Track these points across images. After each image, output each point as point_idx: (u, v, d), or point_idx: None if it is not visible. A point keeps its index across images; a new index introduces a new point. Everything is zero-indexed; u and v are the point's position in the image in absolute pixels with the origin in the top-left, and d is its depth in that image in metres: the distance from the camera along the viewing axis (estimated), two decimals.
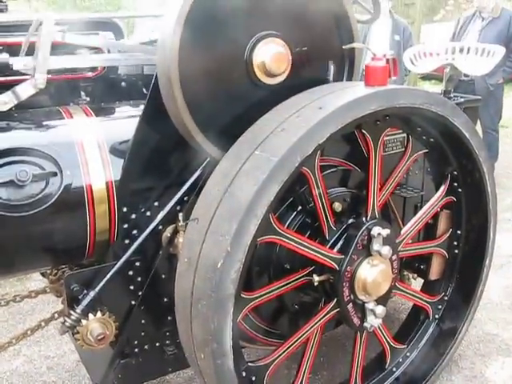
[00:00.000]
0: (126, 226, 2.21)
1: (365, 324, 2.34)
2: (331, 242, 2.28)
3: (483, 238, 2.68)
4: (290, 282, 2.21)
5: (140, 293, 2.25)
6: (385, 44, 5.70)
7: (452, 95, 3.07)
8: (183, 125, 2.00)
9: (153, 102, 2.09)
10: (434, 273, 2.78)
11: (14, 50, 2.19)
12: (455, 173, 2.58)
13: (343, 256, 2.22)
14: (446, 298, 2.80)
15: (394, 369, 2.70)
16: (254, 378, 2.15)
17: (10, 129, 2.12)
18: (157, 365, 2.42)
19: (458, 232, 2.74)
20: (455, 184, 2.61)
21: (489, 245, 2.68)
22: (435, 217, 2.71)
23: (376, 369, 2.70)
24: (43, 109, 2.27)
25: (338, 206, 2.39)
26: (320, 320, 2.26)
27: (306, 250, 2.12)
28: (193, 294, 1.93)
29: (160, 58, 1.96)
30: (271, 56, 2.09)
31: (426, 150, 2.51)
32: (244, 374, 2.10)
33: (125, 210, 2.19)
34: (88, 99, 2.47)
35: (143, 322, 2.30)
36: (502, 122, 6.37)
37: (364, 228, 2.24)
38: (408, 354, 2.74)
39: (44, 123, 2.19)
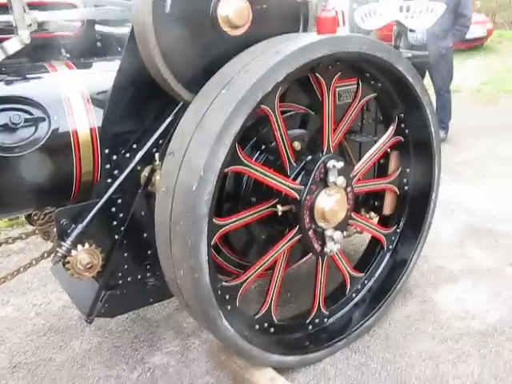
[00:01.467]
0: (107, 166, 2.44)
1: (325, 249, 2.65)
2: (292, 176, 2.57)
3: (429, 174, 3.00)
4: (256, 212, 2.49)
5: (122, 228, 2.50)
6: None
7: (400, 50, 3.38)
8: (157, 70, 2.24)
9: (130, 52, 2.31)
10: (387, 208, 3.11)
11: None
12: (402, 115, 2.90)
13: (303, 187, 2.51)
14: (398, 231, 3.13)
15: (354, 295, 3.02)
16: (227, 297, 2.43)
17: (0, 80, 2.33)
18: (139, 296, 2.67)
19: (407, 170, 3.06)
20: (402, 125, 2.92)
21: (434, 180, 3.01)
22: (386, 156, 3.03)
23: (338, 295, 3.01)
24: (29, 63, 2.49)
25: (297, 145, 2.67)
26: (284, 245, 2.55)
27: (271, 180, 2.41)
28: (171, 218, 2.19)
29: (135, 8, 2.19)
30: (234, 9, 2.34)
31: (375, 94, 2.81)
32: (219, 292, 2.38)
33: (106, 151, 2.43)
34: (68, 56, 2.69)
35: (126, 255, 2.55)
36: (456, 87, 6.76)
37: (320, 161, 2.53)
38: (366, 282, 3.07)
39: (31, 75, 2.41)
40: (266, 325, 2.65)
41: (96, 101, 2.41)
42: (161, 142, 2.47)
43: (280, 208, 2.51)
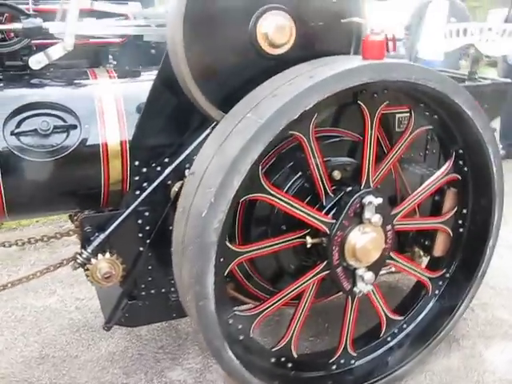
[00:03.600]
0: (137, 178, 2.43)
1: (354, 289, 2.46)
2: (327, 207, 2.40)
3: (488, 219, 2.70)
4: (283, 242, 2.35)
5: (148, 241, 2.48)
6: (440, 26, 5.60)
7: (477, 76, 3.08)
8: (185, 86, 2.19)
9: (166, 66, 2.28)
10: (438, 249, 2.83)
11: (49, 16, 2.47)
12: (460, 151, 2.62)
13: (335, 221, 2.34)
14: (447, 276, 2.84)
15: (389, 338, 2.79)
16: (240, 327, 2.33)
17: (40, 85, 2.39)
18: (162, 309, 2.64)
19: (464, 211, 2.76)
20: (460, 162, 2.64)
21: (493, 226, 2.70)
22: (442, 194, 2.76)
23: (371, 336, 2.80)
24: (73, 69, 2.54)
25: (337, 174, 2.50)
26: (310, 278, 2.40)
27: (298, 211, 2.26)
28: (183, 240, 2.13)
29: (168, 25, 2.15)
30: (274, 27, 2.23)
31: (430, 127, 2.56)
32: (231, 321, 2.29)
33: (136, 163, 2.41)
34: (115, 63, 2.71)
35: (150, 268, 2.53)
36: None
37: (356, 196, 2.34)
38: (404, 326, 2.82)
39: (70, 82, 2.46)
40: (283, 359, 2.52)
41: (131, 111, 2.40)
42: (194, 158, 2.42)
43: (309, 240, 2.37)
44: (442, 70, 3.48)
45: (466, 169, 2.66)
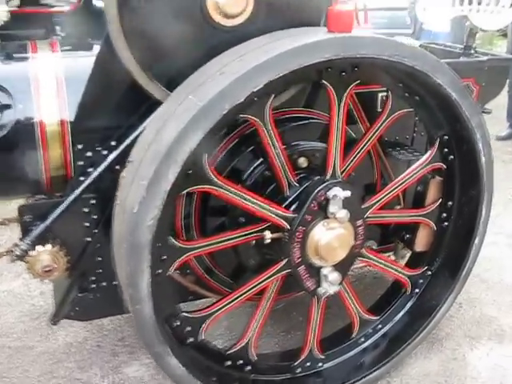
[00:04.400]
0: (81, 163, 2.20)
1: (318, 289, 2.22)
2: (290, 199, 2.16)
3: (475, 213, 2.42)
4: (237, 237, 2.12)
5: (95, 230, 2.27)
6: None
7: (473, 51, 2.75)
8: (128, 67, 1.94)
9: (109, 39, 2.03)
10: (420, 244, 2.57)
11: None
12: (446, 137, 2.33)
13: (296, 215, 2.10)
14: (429, 273, 2.58)
15: (362, 339, 2.56)
16: (188, 329, 2.12)
17: None
18: (114, 302, 2.43)
19: (449, 203, 2.49)
20: (446, 149, 2.36)
21: (480, 222, 2.42)
22: (425, 184, 2.49)
23: (341, 337, 2.58)
24: (13, 42, 2.29)
25: (303, 161, 2.25)
26: (269, 277, 2.17)
27: (250, 204, 2.02)
28: (120, 236, 1.91)
29: None
30: None
31: (411, 109, 2.27)
32: (177, 323, 2.08)
33: (80, 147, 2.18)
34: (63, 34, 2.45)
35: (99, 259, 2.33)
36: None
37: (320, 188, 2.09)
38: (380, 327, 2.59)
39: (5, 56, 2.21)
40: (240, 362, 2.31)
41: (73, 90, 2.15)
42: None
43: (268, 235, 2.12)
44: (437, 43, 3.18)
45: (451, 157, 2.38)
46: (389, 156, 2.59)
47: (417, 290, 2.59)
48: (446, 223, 2.52)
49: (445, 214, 2.51)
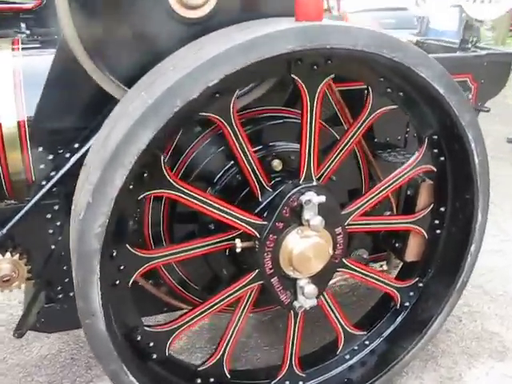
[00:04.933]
0: (42, 166, 2.08)
1: (294, 303, 2.05)
2: (263, 205, 2.00)
3: (470, 220, 2.22)
4: (205, 245, 1.96)
5: (60, 238, 2.14)
6: None
7: (469, 45, 2.56)
8: (82, 63, 1.80)
9: None
10: (410, 254, 2.37)
11: None
12: (435, 137, 2.14)
13: (266, 223, 1.93)
14: (420, 285, 2.39)
15: (348, 356, 2.38)
16: (151, 344, 1.97)
17: None
18: None
19: (442, 209, 2.29)
20: (435, 150, 2.16)
21: (475, 228, 2.22)
22: (415, 188, 2.30)
23: (325, 354, 2.39)
24: None
25: (277, 164, 2.09)
26: (239, 290, 2.01)
27: (214, 210, 1.86)
28: (72, 244, 1.78)
29: None
30: None
31: (394, 106, 2.08)
32: (139, 337, 1.93)
33: (40, 149, 2.06)
34: (28, 32, 2.33)
35: (65, 268, 2.19)
36: None
37: (292, 193, 1.92)
38: (367, 343, 2.40)
39: None
40: (212, 380, 2.15)
41: (32, 89, 2.02)
42: None
43: (239, 244, 1.96)
44: (435, 38, 2.99)
45: (442, 158, 2.19)
46: (378, 158, 2.42)
47: (407, 304, 2.39)
48: (438, 230, 2.32)
49: (437, 221, 2.31)
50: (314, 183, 1.96)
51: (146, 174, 1.74)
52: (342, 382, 2.35)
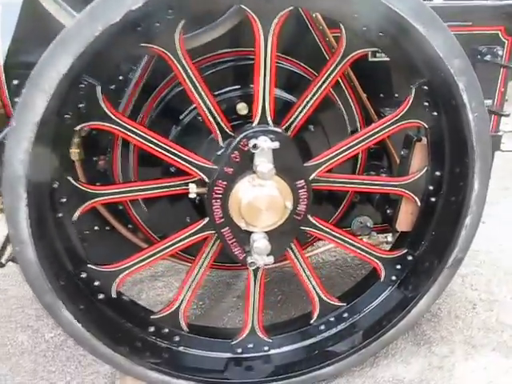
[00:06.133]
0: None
1: (247, 258, 1.91)
2: (224, 149, 1.87)
3: (464, 187, 1.92)
4: (156, 188, 1.88)
5: None
6: None
7: None
8: None
9: None
10: (402, 222, 2.12)
11: None
12: (425, 87, 1.86)
13: (216, 167, 1.81)
14: (409, 258, 2.12)
15: (323, 327, 2.19)
16: (97, 283, 1.93)
17: None
18: None
19: (437, 173, 2.01)
20: (426, 103, 1.88)
21: (471, 197, 1.91)
22: (410, 148, 2.04)
23: (297, 322, 2.23)
24: None
25: (242, 108, 1.94)
26: (188, 238, 1.91)
27: (156, 148, 1.77)
28: None
29: None
30: None
31: (372, 49, 1.83)
32: (83, 274, 1.91)
33: (16, 83, 2.06)
34: None
35: None
36: None
37: (243, 136, 1.77)
38: (346, 315, 2.18)
39: None
40: (166, 330, 2.08)
41: (7, 23, 2.04)
42: None
43: (194, 189, 1.86)
44: None
45: (435, 113, 1.90)
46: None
47: (393, 278, 2.14)
48: (433, 198, 2.04)
49: (432, 187, 2.03)
50: (270, 127, 1.79)
51: (81, 105, 1.69)
52: (318, 353, 2.17)
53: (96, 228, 2.22)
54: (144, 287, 2.70)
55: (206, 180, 1.82)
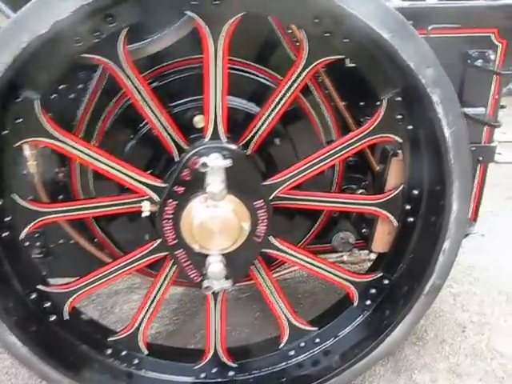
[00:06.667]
0: None
1: (203, 282, 1.78)
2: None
3: (442, 208, 1.74)
4: (106, 206, 1.76)
5: None
6: None
7: None
8: None
9: None
10: (377, 243, 1.95)
11: None
12: (399, 99, 1.68)
13: (167, 185, 1.68)
14: (386, 282, 1.95)
15: (293, 352, 2.04)
16: (47, 304, 1.83)
17: None
18: None
19: (415, 192, 1.83)
20: (399, 116, 1.71)
21: (449, 219, 1.73)
22: (386, 163, 1.86)
23: (265, 346, 2.09)
24: None
25: (199, 120, 1.80)
26: (140, 259, 1.79)
27: (101, 165, 1.65)
28: None
29: None
30: None
31: (339, 56, 1.66)
32: (33, 296, 1.81)
33: None
34: None
35: None
36: None
37: (193, 152, 1.64)
38: (318, 341, 2.03)
39: None
40: (124, 353, 1.98)
41: None
42: None
43: (147, 207, 1.74)
44: None
45: (410, 127, 1.72)
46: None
47: (368, 302, 1.98)
48: (411, 218, 1.87)
49: (409, 206, 1.86)
50: (222, 144, 1.64)
51: (19, 120, 1.57)
52: (286, 380, 2.04)
53: (61, 241, 2.13)
54: (119, 300, 2.60)
55: (157, 199, 1.69)
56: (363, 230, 2.00)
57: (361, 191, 2.03)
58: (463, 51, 1.98)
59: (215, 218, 1.66)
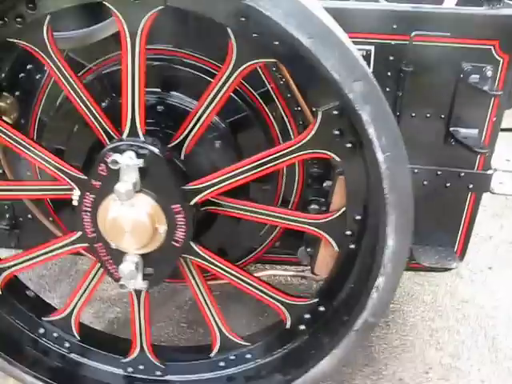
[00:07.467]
0: None
1: (121, 281, 1.72)
2: None
3: (376, 240, 1.54)
4: (35, 190, 1.76)
5: None
6: None
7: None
8: None
9: None
10: (320, 266, 1.78)
11: None
12: (335, 112, 1.48)
13: (86, 177, 1.63)
14: (321, 309, 1.78)
15: (223, 364, 1.94)
16: None
17: None
18: None
19: (356, 217, 1.64)
20: (337, 132, 1.51)
21: (384, 256, 1.53)
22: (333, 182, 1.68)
23: (196, 352, 2.01)
24: None
25: None
26: (59, 249, 1.77)
27: (25, 151, 1.63)
28: None
29: None
30: None
31: (270, 60, 1.49)
32: None
33: None
34: None
35: None
36: None
37: (109, 147, 1.57)
38: (249, 356, 1.91)
39: None
40: (55, 334, 1.98)
41: None
42: None
43: (76, 195, 1.70)
44: None
45: (349, 145, 1.53)
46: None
47: (302, 328, 1.82)
48: (352, 245, 1.68)
49: (350, 232, 1.66)
50: (137, 142, 1.55)
51: None
52: None
53: (29, 216, 2.17)
54: None
55: (77, 191, 1.65)
56: (308, 249, 1.84)
57: (313, 206, 1.85)
58: (455, 63, 1.74)
59: (127, 218, 1.59)
